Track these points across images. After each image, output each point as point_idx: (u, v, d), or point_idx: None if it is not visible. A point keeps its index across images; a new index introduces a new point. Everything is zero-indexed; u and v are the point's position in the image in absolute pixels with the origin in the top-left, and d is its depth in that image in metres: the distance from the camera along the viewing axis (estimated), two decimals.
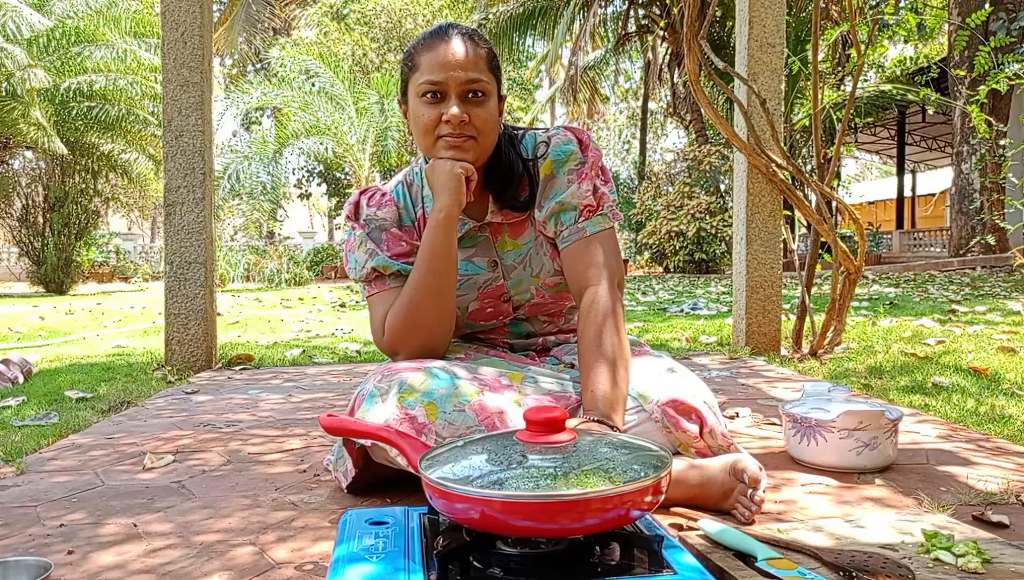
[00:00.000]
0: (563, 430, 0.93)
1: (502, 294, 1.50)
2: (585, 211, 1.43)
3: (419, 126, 1.37)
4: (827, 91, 3.46)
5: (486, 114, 1.36)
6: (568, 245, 1.43)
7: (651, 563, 0.88)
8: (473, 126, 1.34)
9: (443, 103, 1.34)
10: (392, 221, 1.47)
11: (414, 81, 1.37)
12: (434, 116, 1.34)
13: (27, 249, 12.83)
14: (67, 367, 3.26)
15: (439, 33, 1.37)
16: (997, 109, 10.33)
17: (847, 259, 2.91)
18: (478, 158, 1.38)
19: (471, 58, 1.35)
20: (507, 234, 1.49)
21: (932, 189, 24.51)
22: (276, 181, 15.47)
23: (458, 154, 1.35)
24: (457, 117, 1.32)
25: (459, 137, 1.34)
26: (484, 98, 1.36)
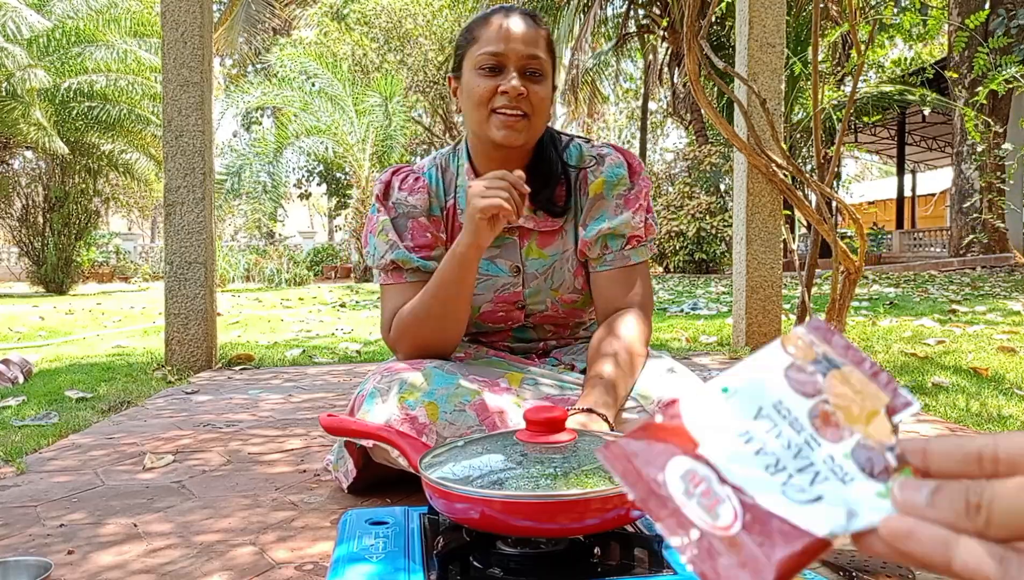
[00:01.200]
0: (563, 430, 0.93)
1: (517, 301, 1.48)
2: (633, 240, 1.42)
3: (472, 98, 1.33)
4: (827, 91, 3.46)
5: (544, 93, 1.33)
6: (609, 270, 1.42)
7: (651, 563, 0.88)
8: (529, 102, 1.31)
9: (500, 76, 1.31)
10: (422, 209, 1.43)
11: (471, 54, 1.33)
12: (490, 87, 1.31)
13: (27, 249, 12.83)
14: (67, 367, 3.26)
15: (501, 9, 1.36)
16: (997, 109, 10.33)
17: (847, 259, 2.91)
18: (528, 141, 1.35)
19: (533, 35, 1.33)
20: (535, 241, 1.46)
21: (932, 189, 24.51)
22: (276, 181, 15.46)
23: (510, 135, 1.31)
24: (516, 89, 1.29)
25: (514, 113, 1.30)
26: (542, 77, 1.33)
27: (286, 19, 23.67)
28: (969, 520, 0.32)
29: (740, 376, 0.41)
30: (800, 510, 0.35)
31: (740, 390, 0.40)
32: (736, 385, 0.40)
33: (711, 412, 0.39)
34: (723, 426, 0.39)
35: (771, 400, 0.39)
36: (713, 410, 0.39)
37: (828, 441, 0.37)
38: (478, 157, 1.43)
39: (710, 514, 0.36)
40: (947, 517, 0.32)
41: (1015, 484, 0.31)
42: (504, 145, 1.34)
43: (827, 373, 0.39)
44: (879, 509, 0.34)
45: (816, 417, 0.38)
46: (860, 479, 0.36)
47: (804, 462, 0.37)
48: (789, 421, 0.38)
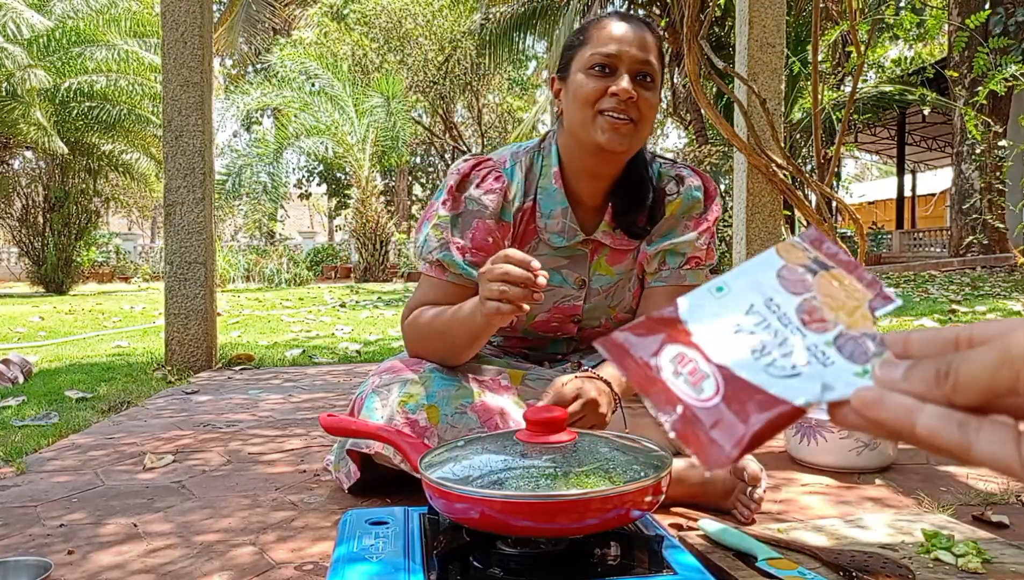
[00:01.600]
0: (563, 430, 0.93)
1: (575, 315, 1.45)
2: (692, 261, 1.41)
3: (579, 98, 1.29)
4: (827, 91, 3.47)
5: (653, 100, 1.30)
6: (662, 286, 1.41)
7: (651, 563, 0.88)
8: (638, 108, 1.27)
9: (611, 78, 1.27)
10: (492, 212, 1.35)
11: (581, 55, 1.30)
12: (599, 88, 1.27)
13: (27, 249, 12.83)
14: (67, 367, 3.26)
15: (616, 13, 1.35)
16: (997, 109, 10.32)
17: None
18: (630, 149, 1.31)
19: (647, 40, 1.30)
20: (605, 257, 1.42)
21: (932, 189, 24.50)
22: (276, 181, 15.45)
23: (614, 139, 1.27)
24: (627, 92, 1.25)
25: (621, 116, 1.26)
26: (652, 84, 1.30)
27: (286, 19, 23.66)
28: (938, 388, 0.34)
29: (734, 276, 0.44)
30: (778, 382, 0.39)
31: (733, 289, 0.43)
32: (730, 284, 0.44)
33: (705, 307, 0.43)
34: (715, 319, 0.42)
35: (762, 298, 0.43)
36: (707, 306, 0.43)
37: (813, 332, 0.40)
38: (571, 161, 1.37)
39: (694, 389, 0.40)
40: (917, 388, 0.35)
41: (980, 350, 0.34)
42: (605, 149, 1.29)
43: (816, 273, 0.43)
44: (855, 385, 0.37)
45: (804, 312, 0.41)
46: (840, 362, 0.39)
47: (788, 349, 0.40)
48: (778, 316, 0.42)
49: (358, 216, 15.95)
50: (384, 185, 23.07)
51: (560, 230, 1.38)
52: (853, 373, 0.38)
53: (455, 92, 18.69)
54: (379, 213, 15.92)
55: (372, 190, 15.89)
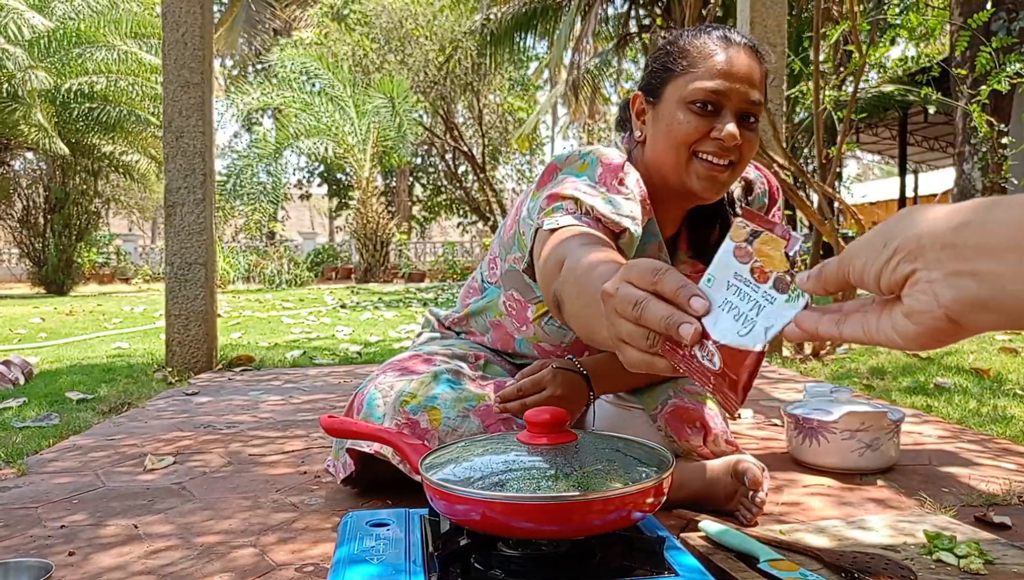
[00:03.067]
0: (564, 431, 0.93)
1: None
2: None
3: (675, 135, 1.16)
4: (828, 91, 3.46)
5: (755, 140, 1.19)
6: None
7: (653, 565, 0.88)
8: (739, 151, 1.16)
9: (715, 117, 1.15)
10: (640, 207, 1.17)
11: (681, 84, 1.16)
12: (701, 128, 1.14)
13: (28, 250, 12.84)
14: (68, 368, 3.26)
15: (724, 38, 1.18)
16: (999, 109, 10.31)
17: None
18: (725, 192, 1.23)
19: (757, 75, 1.17)
20: None
21: (934, 189, 24.48)
22: (277, 182, 15.46)
23: (710, 188, 1.16)
24: (734, 138, 1.13)
25: (721, 162, 1.15)
26: (755, 124, 1.18)
27: (286, 20, 23.67)
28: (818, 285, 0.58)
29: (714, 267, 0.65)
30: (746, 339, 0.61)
31: (715, 276, 0.64)
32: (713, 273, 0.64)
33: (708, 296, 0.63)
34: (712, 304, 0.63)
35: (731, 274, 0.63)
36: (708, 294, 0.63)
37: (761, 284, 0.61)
38: (656, 190, 1.23)
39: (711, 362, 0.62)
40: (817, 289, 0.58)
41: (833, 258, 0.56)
42: (698, 196, 1.18)
43: (754, 241, 0.63)
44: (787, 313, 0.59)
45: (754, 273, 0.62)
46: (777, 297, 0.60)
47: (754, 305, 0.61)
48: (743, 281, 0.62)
49: (359, 217, 15.95)
50: (385, 186, 23.08)
51: None
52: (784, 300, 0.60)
53: (456, 92, 18.69)
54: (380, 214, 15.93)
55: (373, 191, 15.89)
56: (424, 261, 18.68)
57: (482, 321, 1.49)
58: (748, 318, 0.61)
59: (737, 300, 0.62)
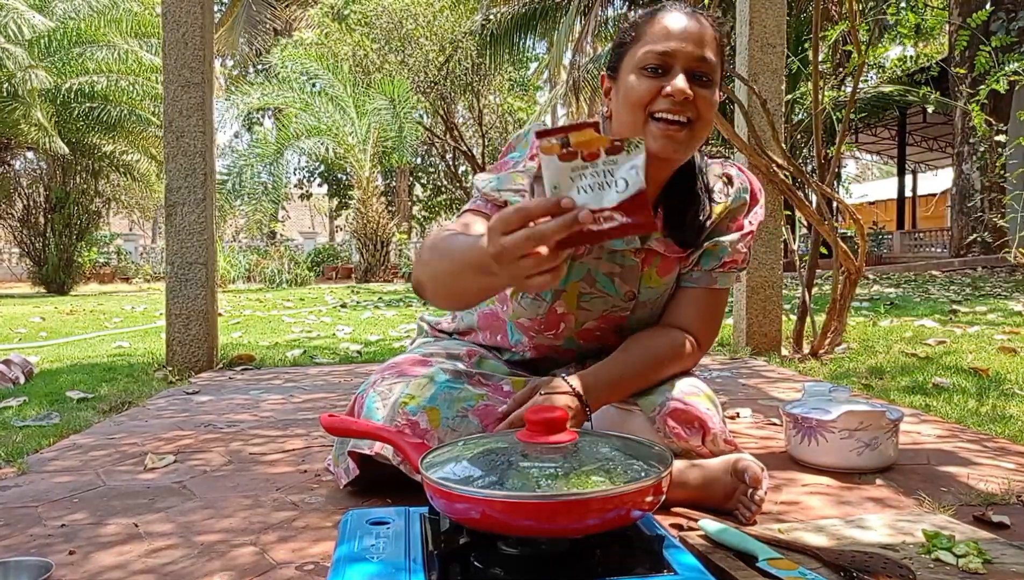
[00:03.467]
0: (563, 430, 0.94)
1: (620, 326, 1.40)
2: (727, 265, 1.37)
3: (630, 100, 1.20)
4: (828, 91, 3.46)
5: (712, 99, 1.21)
6: (692, 287, 1.37)
7: (652, 563, 0.88)
8: (695, 107, 1.18)
9: (665, 77, 1.18)
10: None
11: (633, 53, 1.22)
12: (652, 89, 1.18)
13: (28, 250, 12.85)
14: (68, 367, 3.26)
15: (672, 6, 1.24)
16: (998, 109, 10.31)
17: (847, 259, 2.91)
18: (685, 155, 1.24)
19: (706, 35, 1.21)
20: (656, 269, 1.35)
21: (933, 189, 24.48)
22: (277, 181, 15.47)
23: (667, 145, 1.19)
24: (682, 92, 1.16)
25: (675, 119, 1.18)
26: (710, 83, 1.21)
27: (287, 20, 23.67)
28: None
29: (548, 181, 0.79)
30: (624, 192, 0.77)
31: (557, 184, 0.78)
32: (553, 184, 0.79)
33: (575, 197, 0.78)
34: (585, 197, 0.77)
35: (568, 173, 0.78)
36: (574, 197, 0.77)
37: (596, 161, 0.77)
38: None
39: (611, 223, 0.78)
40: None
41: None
42: (659, 157, 1.20)
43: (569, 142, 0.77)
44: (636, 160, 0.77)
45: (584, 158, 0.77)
46: (617, 158, 0.76)
47: (604, 174, 0.77)
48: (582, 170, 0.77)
49: (359, 216, 15.96)
50: (385, 185, 23.07)
51: None
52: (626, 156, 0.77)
53: (456, 93, 18.69)
54: (380, 213, 15.93)
55: (373, 190, 15.90)
56: None
57: (471, 317, 1.51)
58: (609, 182, 0.76)
59: (590, 181, 0.76)
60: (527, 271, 0.80)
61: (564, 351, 1.45)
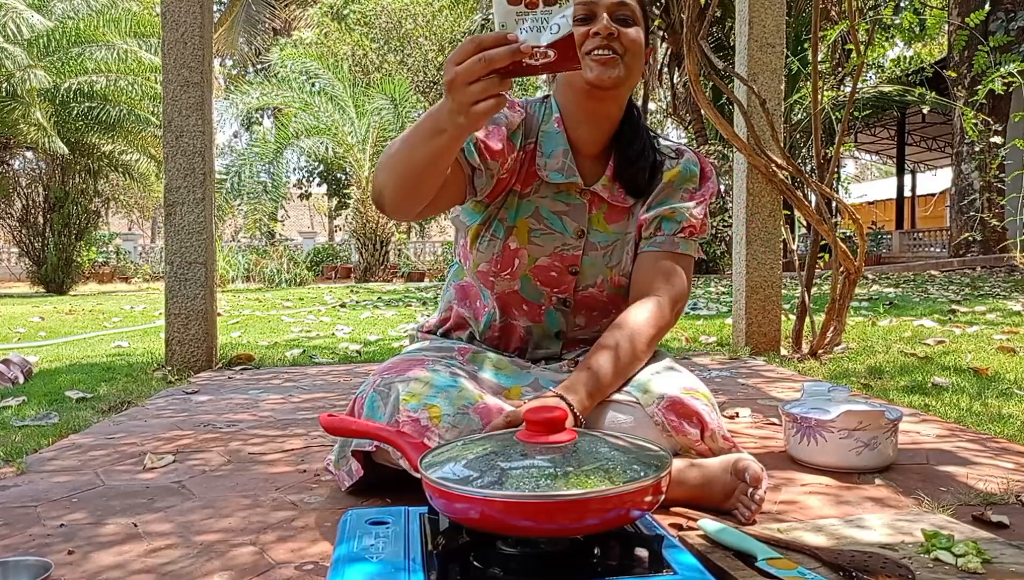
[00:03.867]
0: (563, 430, 0.94)
1: (572, 265, 1.46)
2: (687, 230, 1.44)
3: None
4: (827, 91, 3.47)
5: (635, 35, 1.36)
6: (655, 250, 1.44)
7: (651, 563, 0.88)
8: (621, 44, 1.34)
9: (592, 23, 1.34)
10: (510, 126, 1.39)
11: None
12: (582, 33, 1.33)
13: (27, 249, 12.84)
14: (67, 367, 3.26)
15: None
16: (997, 109, 10.33)
17: (847, 259, 2.91)
18: (621, 83, 1.36)
19: None
20: (603, 214, 1.46)
21: (932, 189, 24.50)
22: (277, 181, 15.47)
23: (603, 72, 1.33)
24: (607, 28, 1.32)
25: (606, 52, 1.33)
26: (632, 23, 1.36)
27: (286, 19, 23.68)
28: None
29: (497, 19, 0.93)
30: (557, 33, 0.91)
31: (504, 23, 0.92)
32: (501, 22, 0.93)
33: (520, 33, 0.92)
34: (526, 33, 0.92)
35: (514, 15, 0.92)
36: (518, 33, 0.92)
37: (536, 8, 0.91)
38: (567, 107, 1.43)
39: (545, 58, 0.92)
40: None
41: None
42: (597, 85, 1.34)
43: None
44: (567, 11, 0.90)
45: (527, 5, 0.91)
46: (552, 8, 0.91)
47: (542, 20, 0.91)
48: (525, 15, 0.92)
49: (358, 216, 15.95)
50: None
51: (560, 168, 1.42)
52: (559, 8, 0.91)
53: None
54: (379, 213, 15.92)
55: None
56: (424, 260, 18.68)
57: (449, 292, 1.58)
58: (546, 26, 0.92)
59: (531, 24, 0.92)
60: (475, 96, 0.94)
61: (529, 306, 1.48)
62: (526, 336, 1.52)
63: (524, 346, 1.53)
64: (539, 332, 1.51)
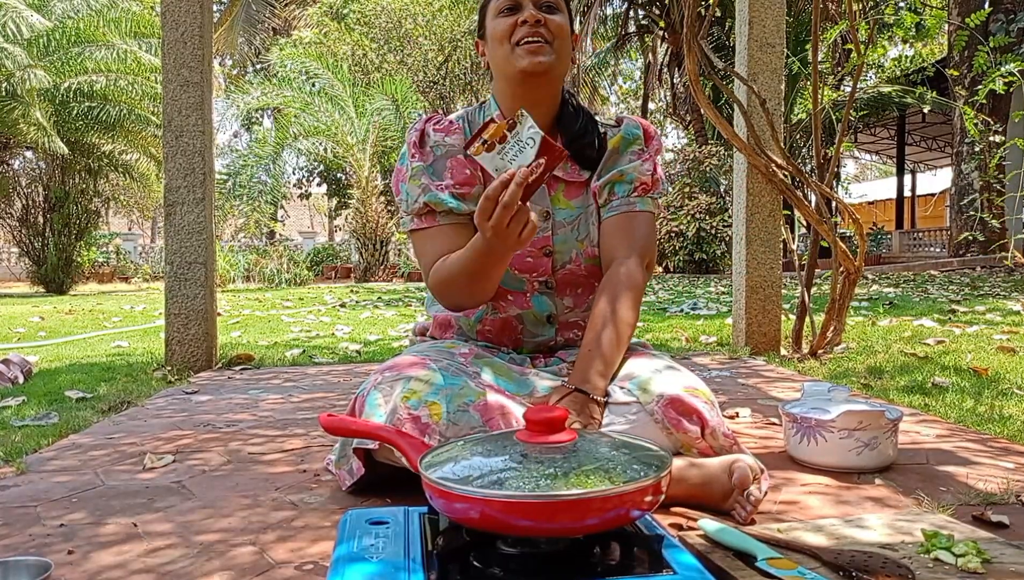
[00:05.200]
0: (563, 430, 0.94)
1: (545, 246, 1.49)
2: (640, 188, 1.49)
3: (496, 38, 1.43)
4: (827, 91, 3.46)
5: (561, 21, 1.43)
6: (614, 215, 1.48)
7: (651, 563, 0.88)
8: (548, 30, 1.40)
9: (519, 13, 1.41)
10: (459, 148, 1.47)
11: (491, 7, 1.45)
12: (510, 23, 1.40)
13: (27, 249, 12.83)
14: (67, 367, 3.26)
15: None
16: (997, 109, 10.33)
17: (847, 259, 2.91)
18: (553, 68, 1.42)
19: None
20: (562, 192, 1.51)
21: (932, 189, 24.50)
22: (276, 181, 15.46)
23: (535, 59, 1.39)
24: (533, 15, 1.39)
25: (535, 40, 1.39)
26: (557, 10, 1.43)
27: (286, 19, 23.66)
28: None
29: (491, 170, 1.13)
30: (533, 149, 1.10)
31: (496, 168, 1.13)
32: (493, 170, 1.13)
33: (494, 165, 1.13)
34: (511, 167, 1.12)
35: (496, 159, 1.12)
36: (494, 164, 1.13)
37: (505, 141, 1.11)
38: (507, 100, 1.48)
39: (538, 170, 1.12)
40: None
41: None
42: (530, 72, 1.40)
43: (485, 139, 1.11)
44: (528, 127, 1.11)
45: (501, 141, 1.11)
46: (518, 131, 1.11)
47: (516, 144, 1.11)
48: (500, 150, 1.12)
49: (358, 216, 15.94)
50: (384, 185, 23.04)
51: None
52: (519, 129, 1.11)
53: (455, 92, 18.69)
54: (379, 213, 15.92)
55: (372, 190, 15.89)
56: None
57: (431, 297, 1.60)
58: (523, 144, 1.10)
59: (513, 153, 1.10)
60: (515, 233, 1.16)
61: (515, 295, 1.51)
62: (518, 325, 1.53)
63: (519, 336, 1.54)
64: (531, 318, 1.53)
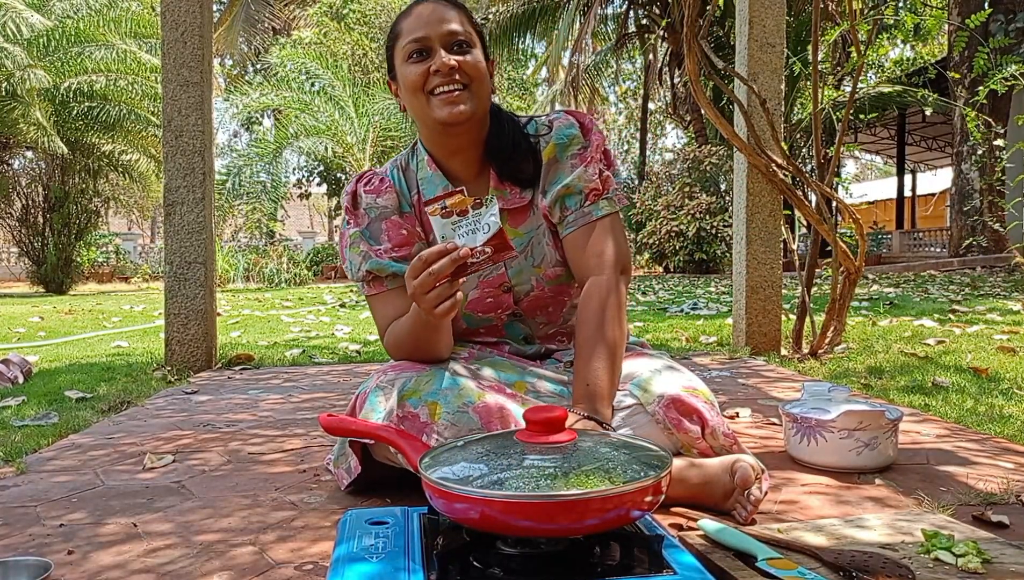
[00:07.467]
0: (563, 430, 0.94)
1: (502, 284, 1.45)
2: (591, 195, 1.40)
3: (409, 88, 1.35)
4: (827, 91, 3.47)
5: (475, 59, 1.34)
6: (573, 231, 1.40)
7: (651, 563, 0.88)
8: (464, 73, 1.32)
9: (429, 59, 1.32)
10: (393, 208, 1.43)
11: (399, 49, 1.36)
12: (422, 71, 1.32)
13: (27, 249, 12.84)
14: (67, 367, 3.26)
15: (415, 2, 1.39)
16: (997, 109, 10.32)
17: (847, 259, 2.91)
18: (474, 111, 1.34)
19: (450, 13, 1.35)
20: (506, 221, 1.43)
21: (932, 189, 24.50)
22: (276, 181, 15.46)
23: (453, 110, 1.31)
24: (446, 64, 1.30)
25: (451, 89, 1.31)
26: (469, 47, 1.35)
27: (286, 19, 23.66)
28: None
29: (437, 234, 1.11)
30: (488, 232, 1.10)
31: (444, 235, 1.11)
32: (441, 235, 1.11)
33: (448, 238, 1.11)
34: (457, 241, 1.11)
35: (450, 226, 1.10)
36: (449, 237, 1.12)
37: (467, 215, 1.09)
38: (434, 146, 1.43)
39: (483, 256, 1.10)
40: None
41: None
42: (451, 123, 1.33)
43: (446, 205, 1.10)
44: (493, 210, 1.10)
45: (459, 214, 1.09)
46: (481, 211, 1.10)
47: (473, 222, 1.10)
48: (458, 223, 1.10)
49: None
50: None
51: None
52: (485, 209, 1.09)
53: None
54: None
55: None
56: None
57: None
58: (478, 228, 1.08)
59: (466, 230, 1.08)
60: (433, 303, 1.15)
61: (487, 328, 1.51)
62: (503, 345, 1.53)
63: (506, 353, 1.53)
64: (511, 339, 1.53)
